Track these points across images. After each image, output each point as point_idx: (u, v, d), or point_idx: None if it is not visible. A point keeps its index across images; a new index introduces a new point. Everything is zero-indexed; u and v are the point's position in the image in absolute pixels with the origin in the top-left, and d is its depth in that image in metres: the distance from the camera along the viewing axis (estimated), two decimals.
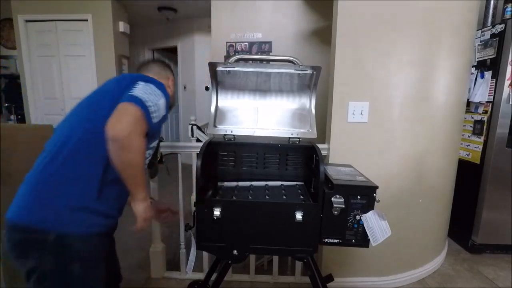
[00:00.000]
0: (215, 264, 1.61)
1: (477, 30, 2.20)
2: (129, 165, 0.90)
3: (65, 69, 4.02)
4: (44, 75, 4.05)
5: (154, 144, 1.11)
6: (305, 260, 1.23)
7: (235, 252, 1.21)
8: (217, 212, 1.12)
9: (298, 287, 1.93)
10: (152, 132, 1.01)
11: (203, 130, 2.40)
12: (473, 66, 2.31)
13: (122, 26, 4.11)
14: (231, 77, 1.54)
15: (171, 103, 1.15)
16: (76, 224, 0.90)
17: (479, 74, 2.29)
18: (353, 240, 1.16)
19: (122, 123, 0.85)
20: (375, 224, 1.11)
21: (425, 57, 1.70)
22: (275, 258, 1.96)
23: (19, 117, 4.40)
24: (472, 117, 2.37)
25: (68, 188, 0.90)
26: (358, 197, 1.12)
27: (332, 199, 1.12)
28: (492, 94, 2.19)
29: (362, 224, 1.13)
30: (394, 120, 1.73)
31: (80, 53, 3.98)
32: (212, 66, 1.48)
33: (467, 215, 2.39)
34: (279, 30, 2.97)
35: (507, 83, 2.11)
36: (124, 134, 0.85)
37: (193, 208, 1.18)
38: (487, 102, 2.23)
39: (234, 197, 1.28)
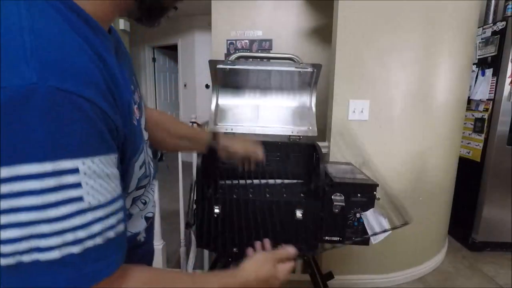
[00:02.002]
0: (215, 262, 1.62)
1: (478, 28, 2.19)
2: None
3: None
4: None
5: (141, 159, 0.48)
6: (306, 257, 1.23)
7: (235, 250, 1.21)
8: (217, 210, 1.12)
9: (298, 285, 1.94)
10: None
11: (203, 128, 2.40)
12: (474, 64, 2.30)
13: (122, 24, 4.09)
14: (232, 75, 1.54)
15: (153, 4, 0.46)
16: None
17: (480, 71, 2.28)
18: (353, 238, 1.16)
19: None
20: (375, 222, 1.11)
21: (426, 55, 1.70)
22: None
23: None
24: (473, 115, 2.36)
25: None
26: (359, 195, 1.12)
27: (332, 197, 1.12)
28: (493, 92, 2.18)
29: (362, 222, 1.13)
30: (394, 118, 1.73)
31: None
32: (213, 64, 1.48)
33: (468, 212, 2.39)
34: (279, 28, 2.96)
35: (508, 80, 2.10)
36: None
37: (194, 206, 1.18)
38: (488, 100, 2.22)
39: (234, 195, 1.28)
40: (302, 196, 1.31)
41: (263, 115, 1.61)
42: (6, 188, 0.28)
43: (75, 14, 0.35)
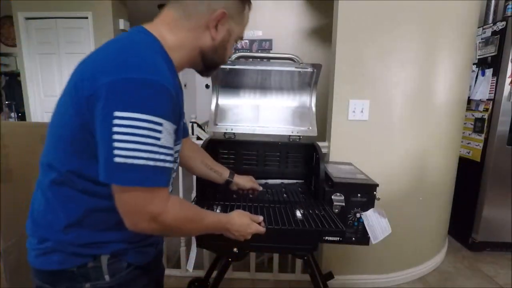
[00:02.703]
0: (215, 262, 1.62)
1: (478, 28, 2.19)
2: (180, 235, 0.78)
3: (65, 66, 4.01)
4: (44, 72, 4.05)
5: (178, 147, 0.76)
6: (305, 257, 1.23)
7: (235, 249, 1.21)
8: (217, 210, 1.12)
9: (298, 285, 1.94)
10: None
11: (203, 128, 2.40)
12: (474, 64, 2.30)
13: (122, 24, 4.10)
14: (232, 75, 1.54)
15: (208, 59, 0.75)
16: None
17: (480, 71, 2.29)
18: (353, 238, 1.16)
19: (135, 225, 0.62)
20: (375, 222, 1.11)
21: (426, 54, 1.70)
22: (276, 256, 1.96)
23: (20, 114, 4.41)
24: (473, 115, 2.36)
25: None
26: (359, 195, 1.12)
27: (332, 197, 1.12)
28: (493, 92, 2.18)
29: (362, 222, 1.13)
30: (394, 118, 1.73)
31: (80, 51, 3.97)
32: None
33: (468, 212, 2.39)
34: (279, 28, 2.96)
35: (508, 80, 2.10)
36: (147, 231, 0.63)
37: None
38: (488, 100, 2.22)
39: (234, 195, 1.28)
40: (302, 196, 1.31)
41: (263, 115, 1.61)
42: (136, 123, 0.54)
43: (166, 57, 0.67)
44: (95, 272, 0.66)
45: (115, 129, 0.54)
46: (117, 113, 0.54)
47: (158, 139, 0.57)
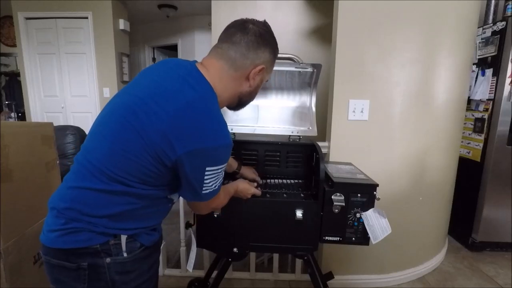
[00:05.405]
0: (215, 262, 1.62)
1: (478, 28, 2.19)
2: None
3: (65, 66, 4.02)
4: (44, 72, 4.05)
5: None
6: (306, 258, 1.23)
7: (235, 249, 1.21)
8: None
9: (298, 285, 1.94)
10: None
11: None
12: (474, 64, 2.30)
13: (122, 24, 4.10)
14: None
15: (243, 101, 0.95)
16: None
17: (480, 71, 2.28)
18: (353, 238, 1.16)
19: (201, 212, 0.97)
20: (375, 222, 1.11)
21: (426, 54, 1.70)
22: (276, 256, 1.96)
23: (20, 114, 4.41)
24: (473, 115, 2.36)
25: None
26: (359, 195, 1.12)
27: (332, 197, 1.12)
28: (493, 92, 2.18)
29: (362, 222, 1.13)
30: (394, 118, 1.73)
31: (80, 51, 3.98)
32: None
33: (468, 213, 2.39)
34: (279, 28, 2.95)
35: (508, 80, 2.10)
36: (206, 212, 0.98)
37: None
38: (488, 100, 2.22)
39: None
40: (302, 196, 1.31)
41: (263, 115, 1.61)
42: (217, 171, 0.79)
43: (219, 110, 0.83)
44: (115, 249, 0.79)
45: (206, 176, 0.77)
46: (208, 168, 0.76)
47: (222, 174, 0.83)
